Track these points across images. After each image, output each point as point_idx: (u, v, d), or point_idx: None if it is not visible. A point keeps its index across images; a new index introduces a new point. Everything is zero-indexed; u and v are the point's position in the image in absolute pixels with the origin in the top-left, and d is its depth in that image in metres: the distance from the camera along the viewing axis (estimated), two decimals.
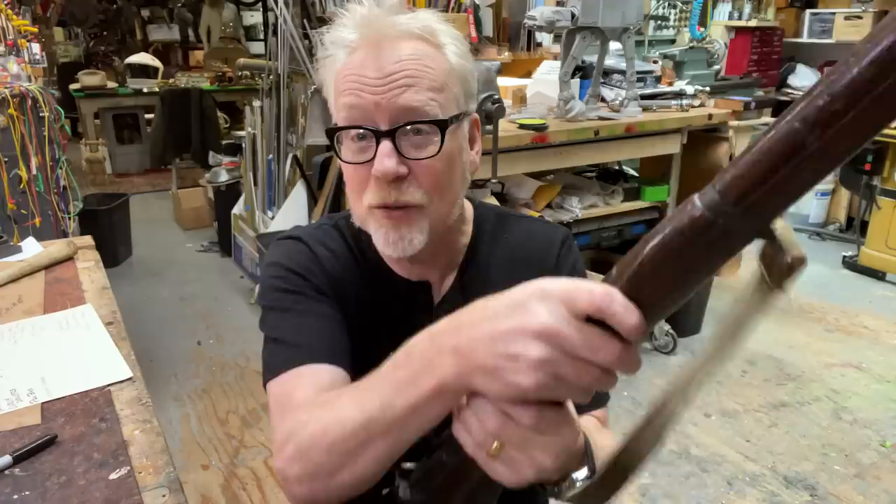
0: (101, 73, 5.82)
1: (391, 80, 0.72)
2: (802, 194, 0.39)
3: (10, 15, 3.28)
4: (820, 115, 0.36)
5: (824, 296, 3.63)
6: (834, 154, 0.37)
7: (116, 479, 0.80)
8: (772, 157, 0.38)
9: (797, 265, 0.41)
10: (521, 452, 0.51)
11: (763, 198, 0.39)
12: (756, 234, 0.41)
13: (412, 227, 0.76)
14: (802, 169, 0.37)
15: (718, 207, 0.40)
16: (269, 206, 3.63)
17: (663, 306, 0.45)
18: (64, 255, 1.50)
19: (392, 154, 0.72)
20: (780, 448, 2.38)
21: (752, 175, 0.39)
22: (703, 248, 0.41)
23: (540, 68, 3.19)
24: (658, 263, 0.43)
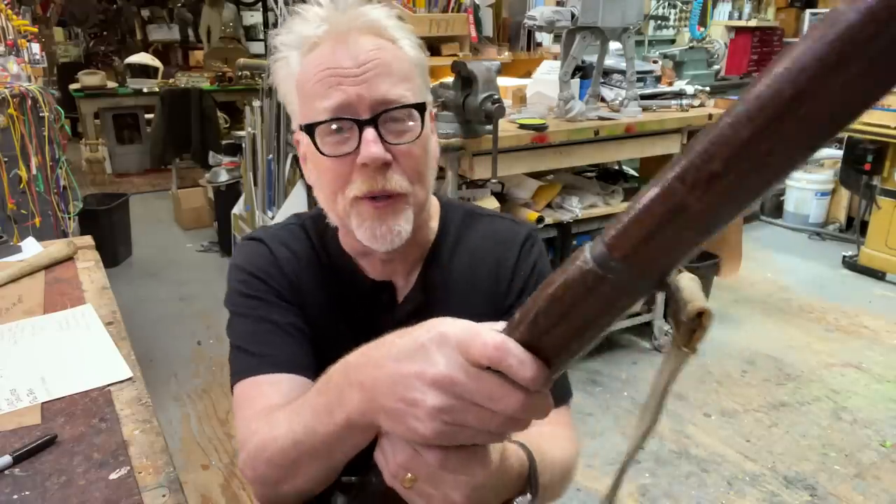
0: (101, 73, 5.82)
1: (367, 68, 0.73)
2: (691, 252, 0.36)
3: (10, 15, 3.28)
4: (698, 175, 0.32)
5: (824, 296, 3.63)
6: (719, 214, 0.34)
7: (116, 479, 0.81)
8: (653, 217, 0.35)
9: (698, 323, 0.38)
10: (431, 488, 0.51)
11: (649, 256, 0.36)
12: (650, 291, 0.38)
13: (399, 216, 0.76)
14: (685, 229, 0.35)
15: (606, 263, 0.38)
16: (269, 206, 3.63)
17: (564, 356, 0.43)
18: (64, 255, 1.50)
19: (377, 140, 0.73)
20: (780, 448, 2.38)
21: (635, 234, 0.36)
22: (595, 302, 0.39)
23: (540, 68, 3.19)
24: (552, 315, 0.41)
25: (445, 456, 0.48)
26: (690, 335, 0.40)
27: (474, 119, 2.16)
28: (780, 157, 0.31)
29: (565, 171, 2.95)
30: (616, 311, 0.40)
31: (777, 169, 0.31)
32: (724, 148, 0.32)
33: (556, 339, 0.42)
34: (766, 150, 0.31)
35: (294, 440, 0.61)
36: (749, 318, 3.38)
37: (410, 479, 0.50)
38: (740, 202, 0.33)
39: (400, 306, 0.88)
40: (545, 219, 2.55)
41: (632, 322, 2.97)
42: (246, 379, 0.79)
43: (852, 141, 3.91)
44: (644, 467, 2.27)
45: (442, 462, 0.48)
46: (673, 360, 0.41)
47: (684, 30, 4.89)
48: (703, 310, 0.39)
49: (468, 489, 0.51)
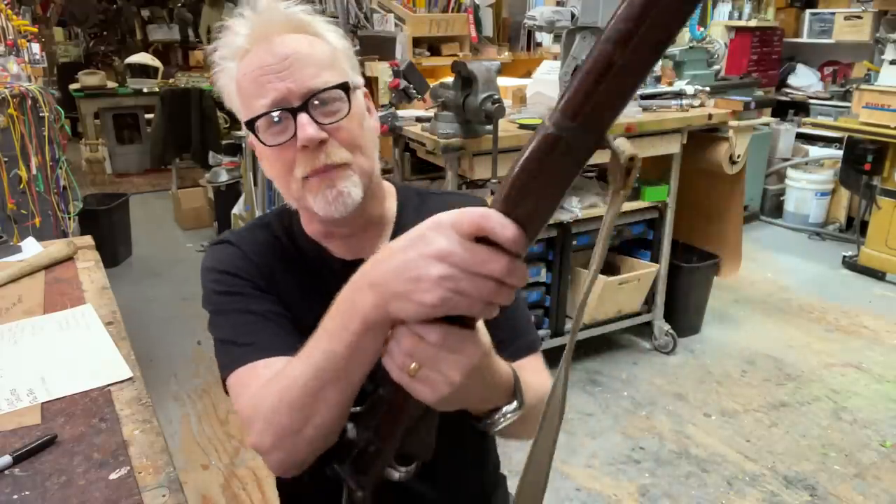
0: (101, 73, 5.82)
1: (290, 62, 0.81)
2: (623, 105, 0.47)
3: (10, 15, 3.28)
4: (619, 35, 0.44)
5: (824, 296, 3.63)
6: (638, 66, 0.45)
7: (116, 479, 0.81)
8: (591, 76, 0.45)
9: (631, 164, 0.50)
10: (433, 370, 0.58)
11: (592, 111, 0.46)
12: (596, 144, 0.48)
13: (344, 180, 0.83)
14: (616, 83, 0.45)
15: (561, 124, 0.47)
16: (269, 206, 3.63)
17: (538, 217, 0.52)
18: (64, 255, 1.50)
19: (311, 122, 0.80)
20: (780, 448, 2.38)
21: (579, 93, 0.46)
22: (556, 162, 0.49)
23: (540, 68, 3.19)
24: (524, 181, 0.50)
25: (446, 332, 0.56)
26: (625, 179, 0.50)
27: (474, 119, 2.16)
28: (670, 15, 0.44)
29: None
30: (572, 169, 0.50)
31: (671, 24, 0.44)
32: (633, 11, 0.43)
33: (528, 204, 0.51)
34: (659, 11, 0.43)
35: (315, 370, 0.66)
36: (749, 318, 3.38)
37: (415, 367, 0.57)
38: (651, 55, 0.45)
39: None
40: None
41: (632, 322, 2.97)
42: (238, 368, 0.81)
43: (852, 141, 3.91)
44: (644, 467, 2.27)
45: (443, 339, 0.56)
46: (613, 204, 0.51)
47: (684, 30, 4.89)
48: (634, 155, 0.49)
49: (466, 368, 0.58)
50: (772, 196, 4.88)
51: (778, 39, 5.29)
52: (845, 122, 3.99)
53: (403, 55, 3.42)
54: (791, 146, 4.90)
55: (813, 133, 4.82)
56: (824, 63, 5.33)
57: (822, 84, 5.24)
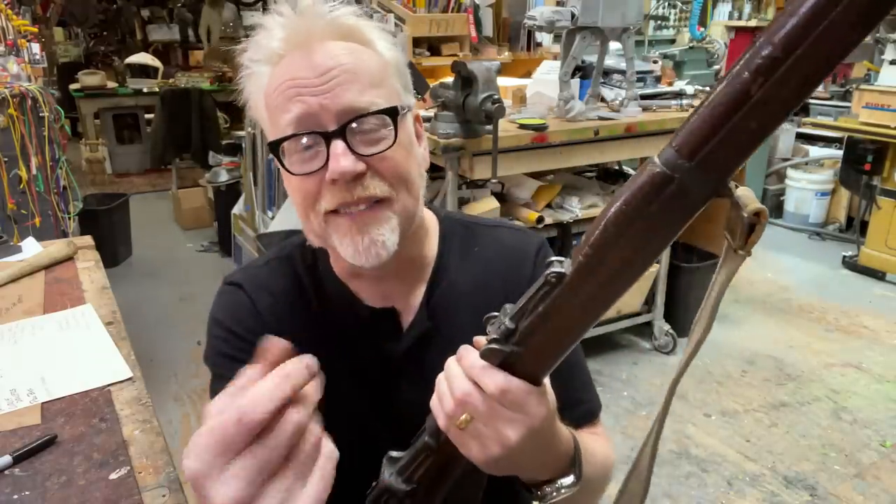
0: (101, 73, 5.82)
1: (329, 77, 0.67)
2: (754, 147, 0.39)
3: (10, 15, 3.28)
4: (761, 63, 0.36)
5: (824, 296, 3.63)
6: (778, 102, 0.37)
7: (116, 479, 0.81)
8: (719, 108, 0.38)
9: (756, 221, 0.41)
10: (487, 426, 0.51)
11: (715, 151, 0.39)
12: (713, 192, 0.41)
13: (381, 225, 0.69)
14: (749, 119, 0.38)
15: (675, 163, 0.40)
16: (269, 206, 3.62)
17: (629, 270, 0.45)
18: (64, 255, 1.50)
19: (346, 152, 0.66)
20: (780, 448, 2.38)
21: (702, 128, 0.39)
22: (663, 207, 0.41)
23: (540, 68, 3.19)
24: (619, 226, 0.43)
25: (508, 383, 0.49)
26: (747, 237, 0.42)
27: (474, 119, 2.16)
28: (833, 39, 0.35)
29: (565, 171, 2.95)
30: (681, 217, 0.42)
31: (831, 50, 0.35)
32: (782, 33, 0.35)
33: (625, 250, 0.43)
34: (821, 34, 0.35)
35: None
36: (749, 318, 3.38)
37: (465, 419, 0.51)
38: (800, 89, 0.37)
39: (405, 334, 0.81)
40: (545, 219, 2.55)
41: (632, 322, 2.97)
42: None
43: (852, 141, 3.91)
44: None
45: (504, 390, 0.49)
46: (728, 265, 0.44)
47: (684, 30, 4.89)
48: (761, 210, 0.41)
49: (525, 430, 0.51)
50: (772, 196, 4.88)
51: None
52: (845, 122, 3.99)
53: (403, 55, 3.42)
54: (791, 146, 4.90)
55: (813, 133, 4.82)
56: None
57: (822, 84, 5.24)
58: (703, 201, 0.41)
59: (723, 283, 0.44)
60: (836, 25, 0.34)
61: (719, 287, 0.45)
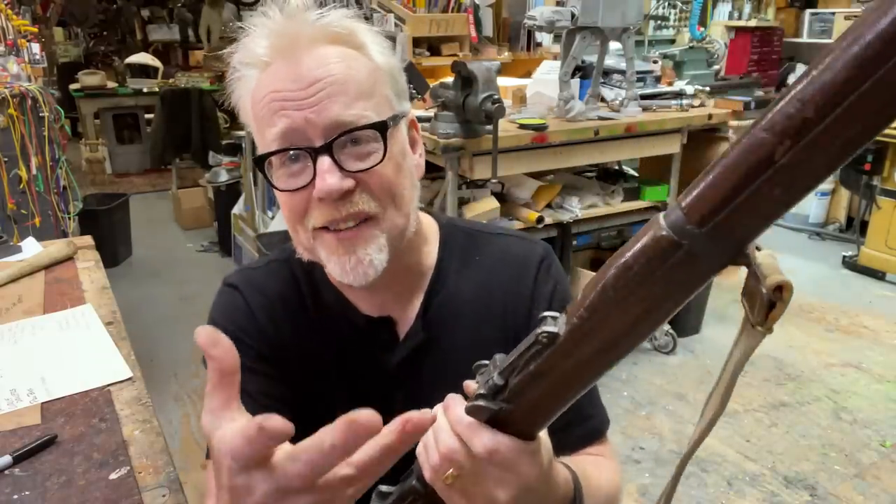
0: (101, 73, 5.82)
1: (316, 88, 0.64)
2: (777, 216, 0.34)
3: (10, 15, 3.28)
4: (789, 123, 0.30)
5: (824, 296, 3.63)
6: (808, 169, 0.31)
7: (116, 479, 0.80)
8: (737, 172, 0.33)
9: (778, 296, 0.36)
10: (475, 485, 0.48)
11: (730, 218, 0.34)
12: (728, 261, 0.36)
13: (368, 244, 0.67)
14: (773, 186, 0.32)
15: (682, 228, 0.35)
16: (269, 206, 3.63)
17: (629, 336, 0.41)
18: (64, 255, 1.50)
19: (333, 169, 0.64)
20: (780, 448, 2.38)
21: (716, 192, 0.33)
22: (668, 273, 0.36)
23: (540, 68, 3.19)
24: (621, 288, 0.38)
25: (497, 443, 0.46)
26: (767, 312, 0.37)
27: (474, 119, 2.16)
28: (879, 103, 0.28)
29: (565, 171, 2.95)
30: (687, 285, 0.37)
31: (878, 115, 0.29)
32: (819, 92, 0.29)
33: (624, 316, 0.39)
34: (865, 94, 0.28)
35: None
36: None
37: (452, 474, 0.48)
38: (833, 157, 0.31)
39: (401, 345, 0.79)
40: (545, 219, 2.55)
41: None
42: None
43: None
44: (644, 467, 2.27)
45: (492, 451, 0.46)
46: (746, 340, 0.38)
47: (684, 30, 4.90)
48: (784, 283, 0.36)
49: (515, 489, 0.48)
50: None
51: (778, 39, 5.30)
52: None
53: (403, 55, 3.42)
54: None
55: None
56: None
57: None
58: (716, 270, 0.37)
59: (739, 361, 0.39)
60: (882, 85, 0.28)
61: (735, 365, 0.39)
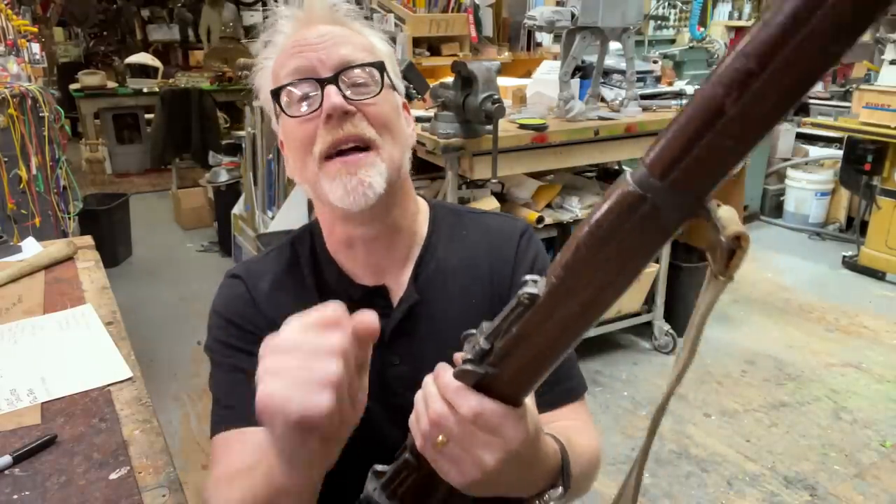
0: (101, 73, 5.82)
1: (326, 38, 0.77)
2: (730, 167, 0.37)
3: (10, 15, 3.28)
4: (736, 76, 0.34)
5: (824, 296, 3.63)
6: (755, 119, 0.34)
7: (116, 479, 0.81)
8: (692, 125, 0.36)
9: (736, 246, 0.39)
10: (463, 449, 0.51)
11: (688, 170, 0.37)
12: (689, 213, 0.39)
13: (369, 168, 0.75)
14: (725, 137, 0.35)
15: (646, 182, 0.38)
16: (269, 206, 3.62)
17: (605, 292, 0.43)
18: (64, 255, 1.50)
19: (338, 93, 0.74)
20: (780, 448, 2.38)
21: (673, 148, 0.36)
22: (636, 228, 0.39)
23: (540, 68, 3.19)
24: (591, 248, 0.41)
25: (482, 406, 0.49)
26: (727, 261, 0.40)
27: (474, 119, 2.16)
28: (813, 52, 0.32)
29: (565, 171, 2.95)
30: (656, 239, 0.40)
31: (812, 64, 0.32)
32: (760, 46, 0.33)
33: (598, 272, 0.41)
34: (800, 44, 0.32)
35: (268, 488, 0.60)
36: (749, 318, 3.38)
37: (442, 440, 0.50)
38: (776, 106, 0.34)
39: (396, 309, 0.84)
40: (545, 219, 2.55)
41: (632, 322, 2.97)
42: (218, 434, 0.79)
43: (852, 141, 3.91)
44: (644, 467, 2.27)
45: (477, 413, 0.49)
46: (710, 290, 0.42)
47: (684, 30, 4.90)
48: (741, 233, 0.38)
49: (502, 453, 0.50)
50: (772, 196, 4.88)
51: None
52: (845, 122, 3.99)
53: (403, 55, 3.42)
54: (791, 146, 4.90)
55: (813, 133, 4.83)
56: None
57: (822, 84, 5.24)
58: (679, 223, 0.39)
59: (707, 307, 0.42)
60: (815, 35, 0.31)
61: (701, 315, 0.42)
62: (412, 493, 0.58)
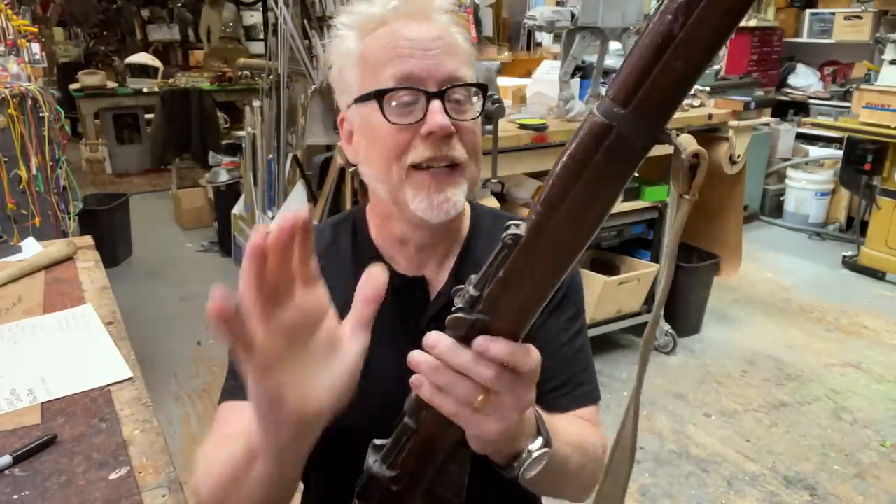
0: (101, 73, 5.82)
1: (439, 44, 0.76)
2: (685, 88, 0.40)
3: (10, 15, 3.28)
4: (682, 1, 0.38)
5: (824, 296, 3.63)
6: (700, 40, 0.38)
7: (116, 479, 0.81)
8: (647, 52, 0.39)
9: (696, 163, 0.43)
10: (502, 397, 0.52)
11: (648, 95, 0.40)
12: (653, 138, 0.41)
13: (455, 187, 0.77)
14: (676, 59, 0.38)
15: (611, 111, 0.41)
16: (269, 206, 3.62)
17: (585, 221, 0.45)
18: (64, 255, 1.50)
19: (443, 112, 0.75)
20: (780, 448, 2.38)
21: (633, 73, 0.40)
22: (606, 156, 0.42)
23: (540, 68, 3.19)
24: (566, 180, 0.43)
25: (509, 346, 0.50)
26: (690, 180, 0.44)
27: None
28: None
29: None
30: (627, 166, 0.42)
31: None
32: None
33: (576, 203, 0.44)
34: None
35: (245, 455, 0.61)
36: (749, 318, 3.38)
37: (483, 399, 0.51)
38: (719, 28, 0.38)
39: (433, 303, 0.86)
40: None
41: (632, 322, 2.97)
42: (223, 402, 0.81)
43: (852, 141, 3.91)
44: (644, 467, 2.27)
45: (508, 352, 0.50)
46: (677, 210, 0.45)
47: None
48: (698, 151, 0.43)
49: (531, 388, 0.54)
50: (772, 196, 4.88)
51: (778, 39, 5.29)
52: (845, 122, 3.99)
53: None
54: (791, 146, 4.90)
55: (813, 133, 4.83)
56: (824, 63, 5.33)
57: (822, 84, 5.24)
58: (645, 148, 0.42)
59: (676, 231, 0.46)
60: None
61: (673, 234, 0.46)
62: (413, 459, 0.59)
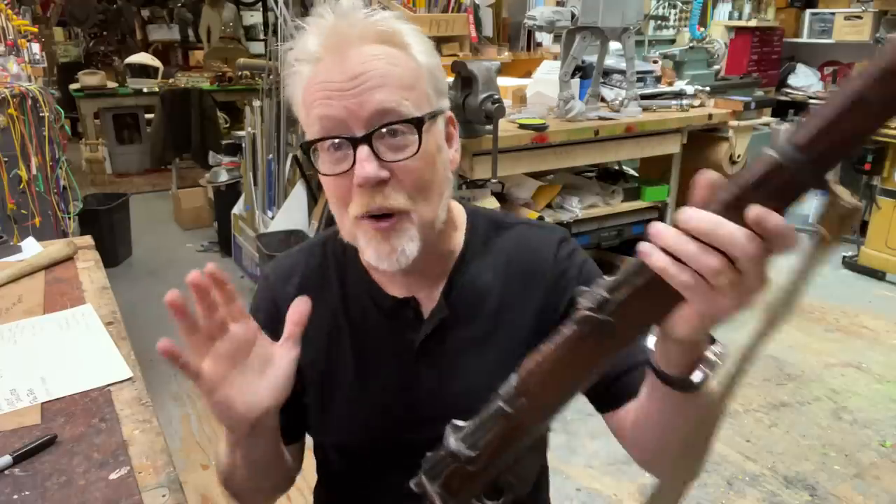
0: (101, 73, 5.82)
1: (359, 81, 0.70)
2: (863, 141, 0.45)
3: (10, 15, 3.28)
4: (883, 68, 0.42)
5: (824, 296, 3.63)
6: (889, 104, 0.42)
7: (116, 479, 0.81)
8: (837, 110, 0.43)
9: (852, 214, 0.46)
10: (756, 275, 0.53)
11: (826, 147, 0.45)
12: (815, 183, 0.46)
13: (402, 235, 0.73)
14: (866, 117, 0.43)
15: (788, 153, 0.46)
16: (269, 206, 3.63)
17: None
18: (64, 255, 1.50)
19: (371, 158, 0.70)
20: (780, 448, 2.38)
21: (817, 125, 0.44)
22: (772, 190, 0.47)
23: (540, 68, 3.19)
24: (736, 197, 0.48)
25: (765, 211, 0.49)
26: (839, 230, 0.47)
27: (474, 119, 2.16)
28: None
29: (565, 171, 2.95)
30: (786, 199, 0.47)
31: None
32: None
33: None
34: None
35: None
36: (749, 319, 3.38)
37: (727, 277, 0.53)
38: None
39: (426, 322, 0.83)
40: (545, 219, 2.55)
41: None
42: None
43: None
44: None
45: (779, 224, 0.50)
46: (817, 253, 0.49)
47: (684, 30, 4.89)
48: (858, 206, 0.46)
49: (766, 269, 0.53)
50: None
51: (778, 39, 5.29)
52: None
53: None
54: None
55: None
56: (824, 63, 5.33)
57: (822, 84, 5.24)
58: (805, 189, 0.47)
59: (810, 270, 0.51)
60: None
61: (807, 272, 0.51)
62: (497, 442, 0.60)
